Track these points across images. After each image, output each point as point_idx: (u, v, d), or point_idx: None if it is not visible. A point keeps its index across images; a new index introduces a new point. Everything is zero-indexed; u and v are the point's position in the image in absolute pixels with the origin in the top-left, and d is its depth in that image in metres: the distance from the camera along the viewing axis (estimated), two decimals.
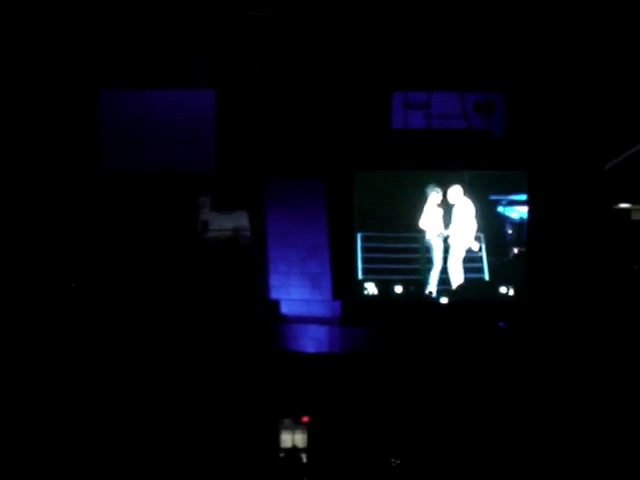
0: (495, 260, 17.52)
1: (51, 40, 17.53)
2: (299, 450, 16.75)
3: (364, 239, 17.48)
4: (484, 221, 17.43)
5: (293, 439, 16.81)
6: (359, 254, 17.46)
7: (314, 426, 16.85)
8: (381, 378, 16.96)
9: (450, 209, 17.35)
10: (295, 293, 17.76)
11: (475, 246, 17.43)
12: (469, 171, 17.32)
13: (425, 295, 17.53)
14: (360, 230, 17.45)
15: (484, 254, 17.54)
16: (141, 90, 17.74)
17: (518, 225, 17.54)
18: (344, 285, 17.55)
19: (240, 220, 18.68)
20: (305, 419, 16.88)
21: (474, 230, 17.45)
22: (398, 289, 17.52)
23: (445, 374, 16.97)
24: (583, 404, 16.57)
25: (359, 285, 17.51)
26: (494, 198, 17.45)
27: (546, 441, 16.33)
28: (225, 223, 18.84)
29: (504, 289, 17.52)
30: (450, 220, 17.38)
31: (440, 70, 17.60)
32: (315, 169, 17.66)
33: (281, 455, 16.68)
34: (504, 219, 17.54)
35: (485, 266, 17.53)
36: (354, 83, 17.65)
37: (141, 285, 17.81)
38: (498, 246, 17.55)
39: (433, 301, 17.46)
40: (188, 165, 17.71)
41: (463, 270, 17.50)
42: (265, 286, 17.79)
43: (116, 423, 16.24)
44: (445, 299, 17.54)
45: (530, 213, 17.47)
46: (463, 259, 17.50)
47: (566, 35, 17.52)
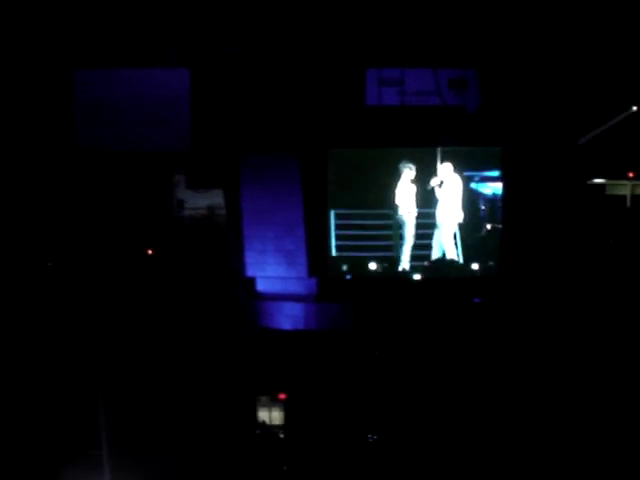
0: (468, 237, 17.64)
1: (25, 21, 17.50)
2: (275, 427, 16.82)
3: (337, 216, 17.59)
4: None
5: (270, 416, 16.86)
6: (332, 231, 17.59)
7: (291, 403, 16.90)
8: (357, 355, 17.03)
9: (423, 185, 17.50)
10: (271, 270, 17.78)
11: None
12: (441, 147, 17.41)
13: (399, 272, 17.63)
14: (333, 207, 17.57)
15: (457, 231, 17.65)
16: (116, 70, 17.73)
17: (491, 201, 17.63)
18: (319, 262, 17.62)
19: (215, 198, 18.71)
20: (282, 396, 16.92)
21: (460, 206, 17.60)
22: (372, 266, 17.64)
23: (421, 350, 17.04)
24: (560, 380, 16.64)
25: (333, 262, 17.66)
26: (467, 174, 17.55)
27: (522, 415, 16.39)
28: (200, 201, 18.86)
29: (476, 265, 17.66)
30: (429, 197, 17.51)
31: (414, 47, 17.59)
32: (290, 146, 17.65)
33: (258, 432, 16.75)
34: (477, 195, 17.64)
35: (458, 243, 17.66)
36: (328, 60, 17.63)
37: (116, 263, 17.84)
38: (471, 223, 17.67)
39: (407, 277, 17.57)
40: (163, 144, 17.71)
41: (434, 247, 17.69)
42: (241, 264, 17.82)
43: (91, 400, 16.24)
44: (418, 275, 17.65)
45: (504, 189, 17.55)
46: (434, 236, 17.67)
47: (538, 11, 17.54)
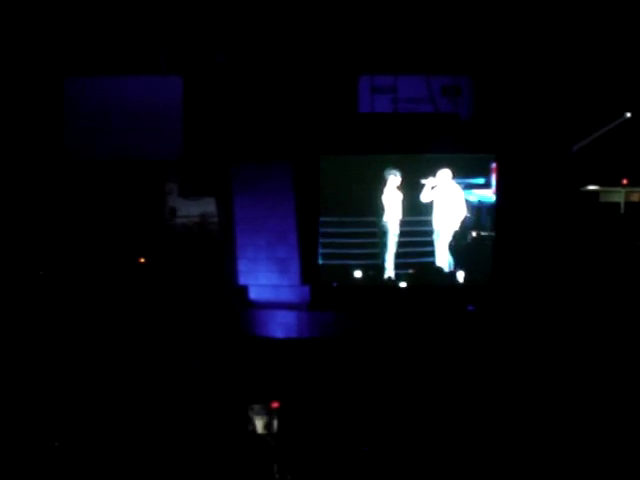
0: (454, 244, 17.60)
1: (16, 28, 17.47)
2: (268, 435, 16.74)
3: (322, 224, 17.55)
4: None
5: (263, 425, 16.79)
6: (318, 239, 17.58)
7: (284, 412, 16.83)
8: (350, 363, 16.97)
9: (410, 192, 17.44)
10: (263, 278, 17.74)
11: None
12: (428, 155, 17.37)
13: (384, 280, 17.60)
14: (321, 215, 17.54)
15: (451, 239, 17.61)
16: (107, 77, 17.69)
17: (477, 209, 17.58)
18: (311, 270, 17.57)
19: (208, 206, 18.70)
20: (275, 405, 16.85)
21: (463, 214, 17.53)
22: (357, 274, 17.58)
23: (415, 359, 16.99)
24: (555, 387, 16.59)
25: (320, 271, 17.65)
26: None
27: (516, 423, 16.31)
28: (193, 209, 18.87)
29: (462, 273, 17.62)
30: (416, 204, 17.43)
31: (406, 54, 17.56)
32: (282, 154, 17.59)
33: (251, 441, 16.67)
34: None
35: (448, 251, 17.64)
36: (321, 67, 17.59)
37: (109, 272, 17.80)
38: (457, 230, 17.61)
39: (392, 285, 17.55)
40: (155, 152, 17.66)
41: (420, 255, 17.60)
42: (233, 272, 17.77)
43: (81, 410, 16.17)
44: (404, 283, 17.61)
45: (498, 196, 17.49)
46: (421, 243, 17.55)
47: (532, 19, 17.51)
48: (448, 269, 17.53)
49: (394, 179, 17.30)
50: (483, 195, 17.51)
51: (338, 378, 16.83)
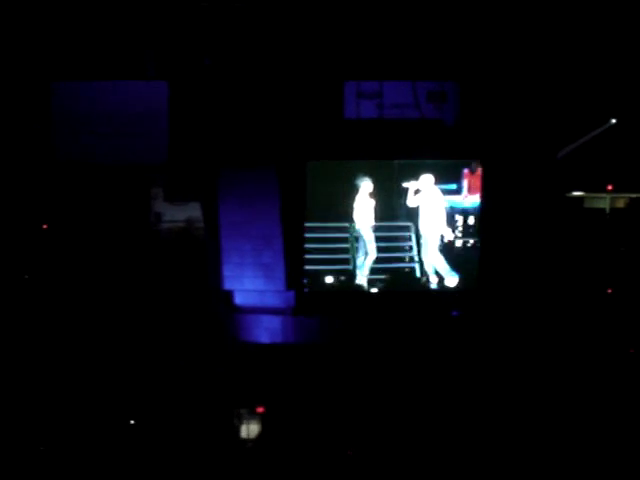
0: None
1: (4, 33, 17.46)
2: (253, 440, 16.79)
3: None
4: (414, 210, 17.51)
5: (248, 429, 16.84)
6: None
7: (269, 416, 16.88)
8: (335, 368, 17.00)
9: (385, 198, 17.47)
10: (249, 284, 17.71)
11: (449, 234, 17.62)
12: (399, 160, 17.38)
13: (355, 285, 17.65)
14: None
15: (414, 244, 17.66)
16: (93, 82, 17.67)
17: (448, 215, 17.63)
18: (297, 276, 17.58)
19: (193, 211, 18.66)
20: (260, 410, 16.89)
21: (444, 218, 17.58)
22: (328, 279, 17.63)
23: (400, 364, 17.03)
24: (539, 392, 16.66)
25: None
26: None
27: (500, 427, 16.38)
28: (178, 214, 18.84)
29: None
30: (390, 210, 17.51)
31: (392, 59, 17.57)
32: (268, 159, 17.59)
33: (236, 445, 16.72)
34: None
35: (415, 256, 17.67)
36: (306, 73, 17.59)
37: (95, 276, 17.79)
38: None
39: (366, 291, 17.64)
40: (141, 156, 17.64)
41: (394, 260, 17.67)
42: (218, 277, 17.75)
43: (67, 414, 16.20)
44: (375, 289, 17.65)
45: (483, 201, 17.52)
46: (394, 249, 17.64)
47: (517, 25, 17.54)
48: (422, 274, 17.63)
49: (367, 185, 17.32)
50: (453, 201, 17.60)
51: (323, 383, 16.87)
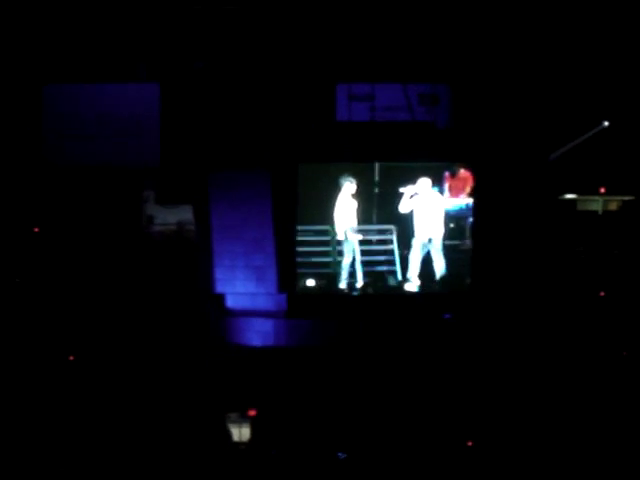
0: (407, 252, 17.69)
1: None
2: (245, 443, 16.75)
3: None
4: (395, 213, 17.52)
5: (239, 432, 16.79)
6: None
7: (260, 420, 16.84)
8: (327, 370, 16.98)
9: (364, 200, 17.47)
10: (240, 286, 17.73)
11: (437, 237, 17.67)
12: (380, 162, 17.38)
13: (337, 289, 17.68)
14: None
15: (395, 247, 17.67)
16: (85, 85, 17.69)
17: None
18: (288, 278, 17.57)
19: (185, 214, 18.67)
20: (252, 413, 16.86)
21: (442, 221, 17.62)
22: (310, 282, 17.65)
23: (392, 366, 17.01)
24: (532, 394, 16.64)
25: None
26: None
27: (492, 430, 16.36)
28: (170, 217, 18.83)
29: (417, 281, 17.69)
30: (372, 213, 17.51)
31: (384, 62, 17.58)
32: (260, 162, 17.60)
33: (227, 448, 16.67)
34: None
35: (397, 259, 17.68)
36: (298, 76, 17.61)
37: (86, 279, 17.77)
38: (409, 238, 17.69)
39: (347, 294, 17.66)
40: (133, 159, 17.66)
41: (376, 263, 17.74)
42: (210, 280, 17.77)
43: (57, 417, 16.16)
44: (356, 293, 17.70)
45: (475, 204, 17.52)
46: (375, 252, 17.68)
47: (509, 28, 17.56)
48: (404, 278, 17.68)
49: (349, 186, 17.30)
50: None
51: (315, 386, 16.84)
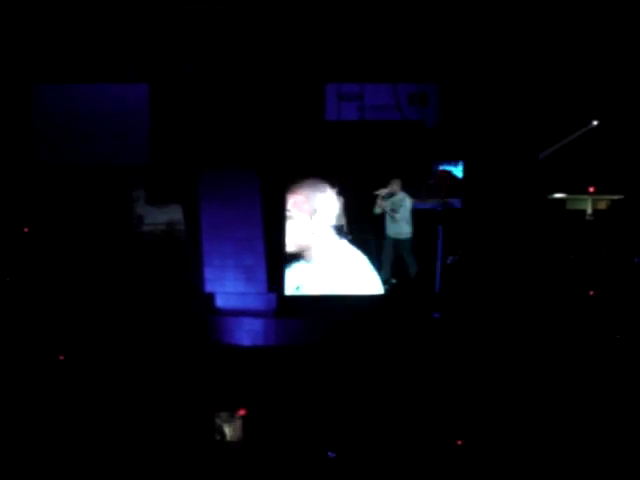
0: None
1: None
2: (234, 443, 16.74)
3: None
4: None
5: (229, 432, 16.78)
6: None
7: (250, 419, 16.84)
8: (318, 370, 16.96)
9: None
10: (230, 286, 17.69)
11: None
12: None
13: None
14: None
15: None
16: (74, 85, 17.70)
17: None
18: (278, 278, 17.57)
19: (175, 213, 18.66)
20: (241, 412, 16.85)
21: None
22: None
23: (382, 365, 17.00)
24: (520, 393, 16.64)
25: None
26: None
27: (482, 429, 16.36)
28: (160, 216, 18.82)
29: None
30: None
31: (373, 62, 17.61)
32: (249, 161, 17.61)
33: (217, 449, 16.66)
34: None
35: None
36: (287, 75, 17.63)
37: (75, 279, 17.76)
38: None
39: None
40: (122, 159, 17.68)
41: None
42: (200, 279, 17.75)
43: (45, 418, 16.13)
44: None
45: (464, 203, 17.55)
46: None
47: (499, 27, 17.59)
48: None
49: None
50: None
51: (305, 385, 16.82)
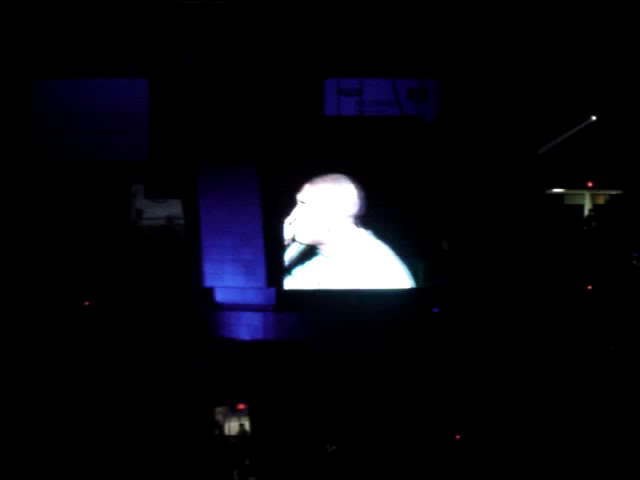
0: None
1: None
2: (233, 437, 16.76)
3: None
4: None
5: (228, 426, 16.80)
6: None
7: (250, 413, 16.86)
8: (316, 364, 16.99)
9: None
10: (229, 280, 17.71)
11: None
12: None
13: None
14: None
15: None
16: (74, 80, 17.72)
17: None
18: (277, 272, 17.59)
19: (174, 208, 18.70)
20: (240, 406, 16.87)
21: None
22: None
23: (381, 358, 17.03)
24: (519, 386, 16.68)
25: None
26: None
27: (480, 423, 16.38)
28: (159, 211, 18.87)
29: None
30: None
31: (372, 57, 17.62)
32: (248, 156, 17.60)
33: (216, 442, 16.69)
34: None
35: None
36: (287, 70, 17.65)
37: (75, 273, 17.79)
38: None
39: None
40: (121, 153, 17.71)
41: None
42: (199, 273, 17.78)
43: (45, 413, 16.15)
44: None
45: (462, 198, 17.56)
46: None
47: (498, 23, 17.61)
48: None
49: None
50: None
51: (304, 379, 16.84)
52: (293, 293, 17.63)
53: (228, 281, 17.75)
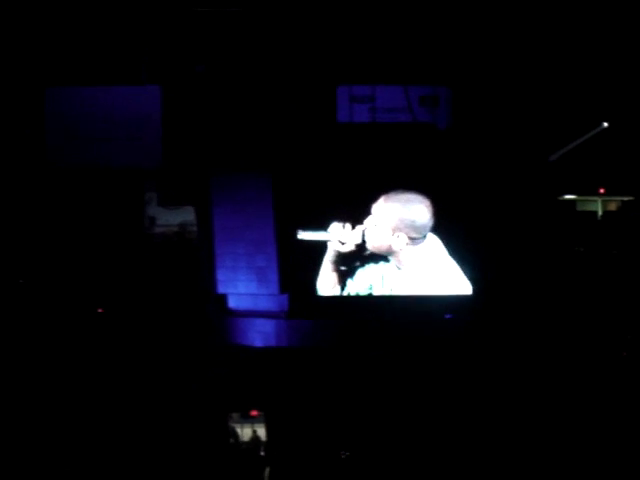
0: None
1: None
2: (246, 443, 16.84)
3: None
4: None
5: (242, 433, 16.87)
6: None
7: (263, 420, 16.92)
8: (330, 371, 17.03)
9: None
10: (242, 287, 17.74)
11: None
12: None
13: None
14: None
15: None
16: (87, 87, 17.74)
17: None
18: (290, 279, 17.60)
19: (187, 215, 18.75)
20: (254, 413, 16.94)
21: None
22: None
23: (394, 366, 17.06)
24: (532, 393, 16.71)
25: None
26: None
27: (493, 426, 16.43)
28: (172, 218, 18.89)
29: None
30: None
31: (385, 64, 17.64)
32: (261, 164, 17.65)
33: (229, 448, 16.76)
34: None
35: None
36: (299, 77, 17.67)
37: (88, 280, 17.84)
38: None
39: None
40: (135, 161, 17.68)
41: None
42: (212, 281, 17.81)
43: (60, 418, 16.23)
44: None
45: (475, 206, 17.55)
46: None
47: (510, 31, 17.62)
48: None
49: None
50: None
51: (317, 386, 16.90)
52: (306, 300, 17.61)
53: (241, 288, 17.76)
